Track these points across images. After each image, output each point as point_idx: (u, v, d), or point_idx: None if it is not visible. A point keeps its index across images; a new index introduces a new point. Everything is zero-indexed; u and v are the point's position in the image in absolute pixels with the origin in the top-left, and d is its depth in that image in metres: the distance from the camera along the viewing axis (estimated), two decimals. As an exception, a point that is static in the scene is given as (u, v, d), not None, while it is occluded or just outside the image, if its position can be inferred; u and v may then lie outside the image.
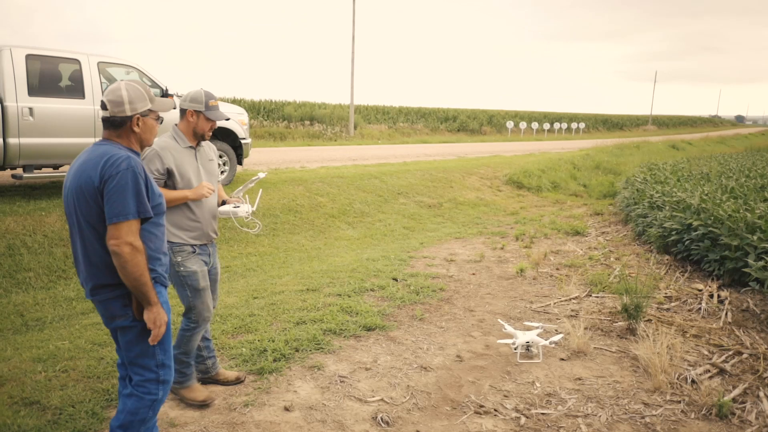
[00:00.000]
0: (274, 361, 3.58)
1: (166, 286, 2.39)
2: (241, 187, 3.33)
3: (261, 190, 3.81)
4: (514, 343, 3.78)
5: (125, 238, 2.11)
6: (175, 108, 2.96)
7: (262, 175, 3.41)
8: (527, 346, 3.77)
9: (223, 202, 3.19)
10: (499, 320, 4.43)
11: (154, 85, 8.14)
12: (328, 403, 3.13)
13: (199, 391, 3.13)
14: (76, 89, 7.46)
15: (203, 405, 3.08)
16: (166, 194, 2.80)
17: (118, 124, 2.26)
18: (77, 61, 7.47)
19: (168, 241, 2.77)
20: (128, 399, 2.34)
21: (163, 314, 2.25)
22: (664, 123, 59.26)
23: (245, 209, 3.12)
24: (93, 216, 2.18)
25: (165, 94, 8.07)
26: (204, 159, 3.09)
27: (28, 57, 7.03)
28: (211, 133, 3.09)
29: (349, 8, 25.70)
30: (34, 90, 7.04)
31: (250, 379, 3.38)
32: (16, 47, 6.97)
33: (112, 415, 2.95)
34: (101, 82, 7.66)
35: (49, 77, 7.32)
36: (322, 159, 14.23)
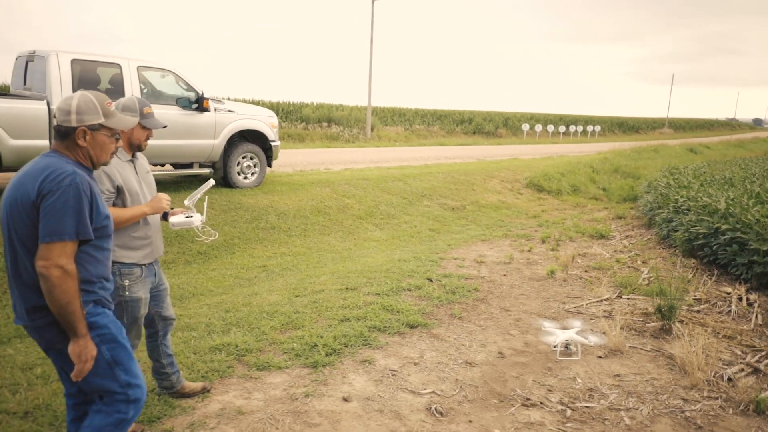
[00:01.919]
0: (326, 355, 3.78)
1: (110, 308, 2.25)
2: (190, 196, 3.17)
3: (207, 198, 3.58)
4: (554, 343, 3.95)
5: (56, 260, 1.95)
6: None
7: (211, 182, 3.28)
8: (566, 344, 3.93)
9: (165, 214, 3.01)
10: (539, 320, 4.59)
11: (190, 88, 8.39)
12: (383, 394, 3.32)
13: (193, 384, 3.24)
14: (116, 92, 7.72)
15: (204, 390, 3.24)
16: (122, 213, 2.64)
17: (63, 135, 2.13)
18: (118, 66, 7.74)
19: (116, 262, 2.66)
20: (96, 415, 2.20)
21: (91, 348, 2.06)
22: (681, 126, 58.85)
23: (199, 218, 3.05)
24: (26, 233, 2.02)
25: (200, 98, 8.32)
26: (142, 171, 2.93)
27: (73, 62, 7.31)
28: (147, 143, 2.91)
29: (367, 11, 25.93)
30: (78, 94, 7.31)
31: (306, 372, 3.58)
32: (62, 52, 7.26)
33: (184, 404, 3.18)
34: (140, 86, 7.93)
35: (92, 81, 7.59)
36: (344, 161, 14.44)
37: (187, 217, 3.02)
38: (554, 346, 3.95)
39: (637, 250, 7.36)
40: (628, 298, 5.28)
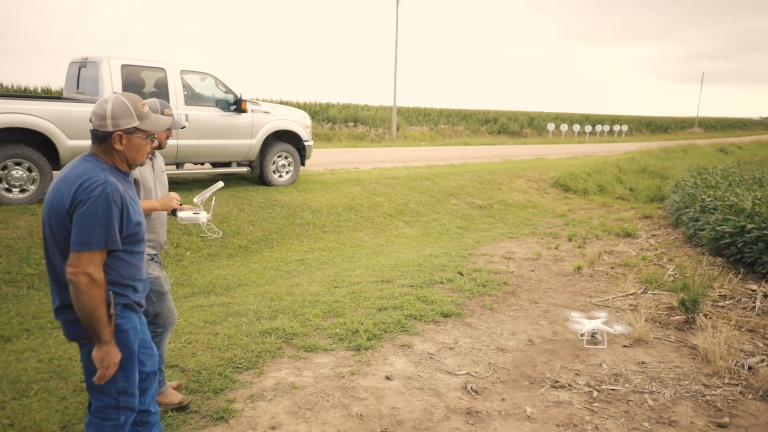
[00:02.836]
0: (368, 339, 4.09)
1: (138, 313, 2.32)
2: (200, 195, 3.37)
3: (214, 198, 3.76)
4: (581, 332, 4.19)
5: (84, 269, 2.01)
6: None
7: (220, 184, 3.45)
8: (593, 334, 4.17)
9: (174, 210, 3.15)
10: (567, 312, 4.83)
11: (228, 91, 8.79)
12: (422, 374, 3.61)
13: (173, 395, 3.18)
14: (161, 95, 8.14)
15: (181, 407, 3.12)
16: None
17: (100, 139, 2.17)
18: (163, 70, 8.17)
19: None
20: (89, 427, 2.27)
21: (115, 354, 2.13)
22: (712, 126, 57.86)
23: (205, 216, 3.20)
24: (61, 237, 2.10)
25: (238, 100, 8.71)
26: (158, 170, 3.11)
27: (123, 66, 7.76)
28: (167, 142, 3.10)
29: (392, 12, 26.23)
30: (126, 96, 7.75)
31: (350, 354, 3.89)
32: (113, 58, 7.71)
33: (242, 378, 3.52)
34: (183, 89, 8.35)
35: (138, 84, 8.03)
36: (373, 160, 14.76)
37: (194, 213, 3.16)
38: (581, 335, 4.19)
39: (663, 248, 7.51)
40: (653, 293, 5.48)
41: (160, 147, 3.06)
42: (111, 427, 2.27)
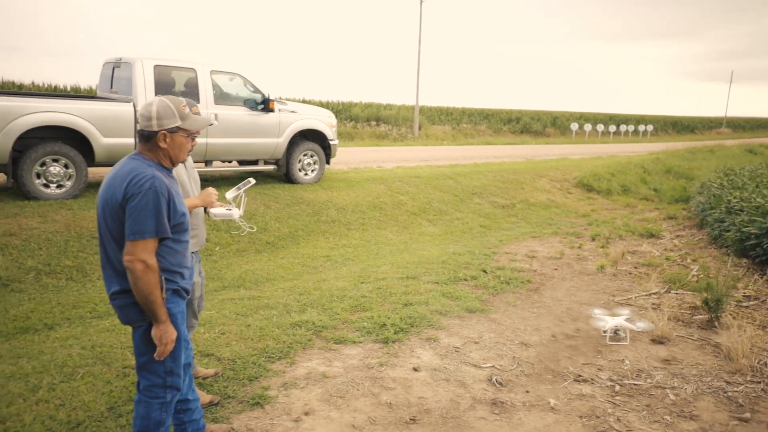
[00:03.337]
0: (395, 333, 4.22)
1: (184, 299, 2.48)
2: (232, 191, 3.42)
3: (245, 196, 3.80)
4: (604, 328, 4.27)
5: (139, 256, 2.20)
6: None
7: (252, 181, 3.50)
8: (615, 330, 4.24)
9: (205, 208, 3.20)
10: (590, 309, 4.91)
11: (256, 91, 8.99)
12: (448, 366, 3.73)
13: (202, 396, 3.21)
14: (191, 94, 8.37)
15: (211, 404, 3.21)
16: None
17: (146, 138, 2.34)
18: (194, 70, 8.40)
19: None
20: (138, 405, 2.46)
21: (171, 332, 2.32)
22: (740, 126, 56.72)
23: (237, 212, 3.26)
24: (115, 228, 2.27)
25: (266, 100, 8.91)
26: (190, 167, 3.19)
27: (155, 67, 8.00)
28: (196, 141, 3.17)
29: (415, 11, 26.30)
30: (159, 95, 7.99)
31: (378, 346, 4.03)
32: (146, 59, 7.96)
33: (275, 368, 3.67)
34: (212, 89, 8.57)
35: (170, 84, 8.27)
36: (396, 159, 14.89)
37: (227, 209, 3.23)
38: (604, 331, 4.27)
39: (687, 249, 7.50)
40: (677, 293, 5.51)
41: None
42: (158, 404, 2.45)
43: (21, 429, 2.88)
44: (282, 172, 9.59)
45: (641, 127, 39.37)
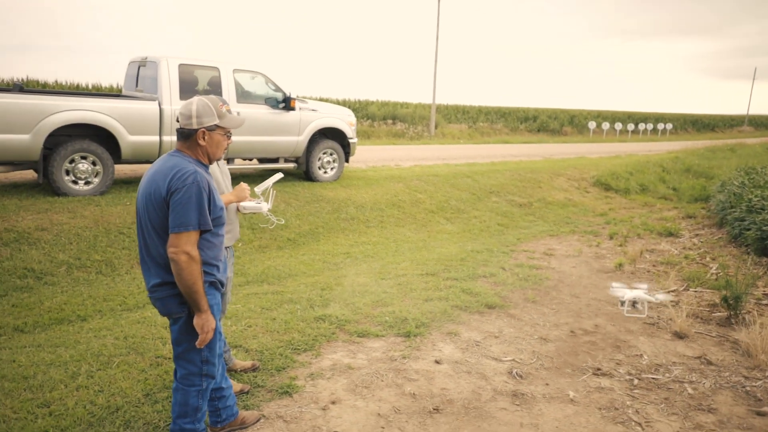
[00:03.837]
0: (416, 327, 4.32)
1: (219, 291, 2.60)
2: (261, 185, 3.52)
3: (274, 190, 3.90)
4: (622, 299, 4.32)
5: (183, 248, 2.29)
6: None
7: (280, 174, 3.60)
8: (633, 302, 4.29)
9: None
10: (607, 306, 4.97)
11: (277, 89, 9.15)
12: (469, 359, 3.83)
13: (233, 384, 3.31)
14: (214, 93, 8.53)
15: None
16: None
17: (186, 136, 2.44)
18: (217, 69, 8.58)
19: None
20: (176, 393, 2.59)
21: (212, 321, 2.43)
22: (763, 124, 55.81)
23: (266, 206, 3.35)
24: (158, 222, 2.36)
25: (287, 98, 9.06)
26: (222, 163, 3.31)
27: (180, 66, 8.18)
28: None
29: (432, 9, 26.33)
30: (183, 94, 8.17)
31: (400, 340, 4.14)
32: (171, 58, 8.14)
33: (301, 359, 3.80)
34: (235, 87, 8.74)
35: (194, 83, 8.45)
36: (413, 158, 14.97)
37: (257, 203, 3.32)
38: (622, 303, 4.32)
39: (706, 247, 7.50)
40: (696, 291, 5.54)
41: None
42: (195, 392, 2.59)
43: (64, 412, 3.04)
44: (302, 170, 9.74)
45: (660, 126, 38.96)
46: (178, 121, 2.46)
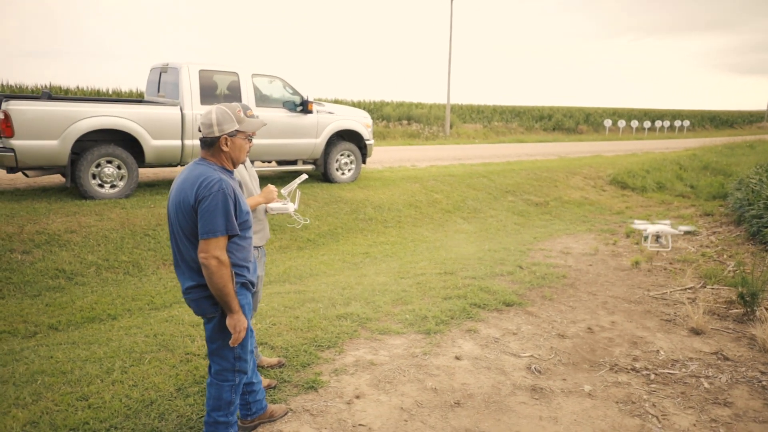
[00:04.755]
0: (436, 324, 4.43)
1: (250, 291, 2.69)
2: (286, 186, 3.63)
3: (299, 191, 3.93)
4: (645, 233, 4.34)
5: (213, 253, 2.39)
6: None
7: (305, 176, 3.65)
8: (657, 236, 4.31)
9: None
10: (624, 303, 5.03)
11: (295, 93, 9.31)
12: (488, 355, 3.93)
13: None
14: (233, 97, 8.73)
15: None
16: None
17: (209, 144, 2.52)
18: (236, 74, 8.76)
19: None
20: (210, 387, 2.70)
21: (243, 321, 2.52)
22: (782, 120, 54.91)
23: (292, 206, 3.42)
24: (189, 228, 2.46)
25: (305, 101, 9.21)
26: (249, 166, 3.38)
27: (200, 71, 8.37)
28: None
29: (446, 9, 26.37)
30: (204, 99, 8.36)
31: (421, 337, 4.25)
32: (192, 64, 8.34)
33: (325, 356, 3.93)
34: (254, 91, 8.91)
35: (214, 88, 8.64)
36: (429, 158, 15.07)
37: (283, 204, 3.39)
38: (645, 238, 4.35)
39: (723, 245, 7.50)
40: (713, 288, 5.58)
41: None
42: (228, 386, 2.71)
43: (102, 405, 3.19)
44: (320, 172, 9.90)
45: (677, 123, 38.58)
46: (200, 131, 2.54)
